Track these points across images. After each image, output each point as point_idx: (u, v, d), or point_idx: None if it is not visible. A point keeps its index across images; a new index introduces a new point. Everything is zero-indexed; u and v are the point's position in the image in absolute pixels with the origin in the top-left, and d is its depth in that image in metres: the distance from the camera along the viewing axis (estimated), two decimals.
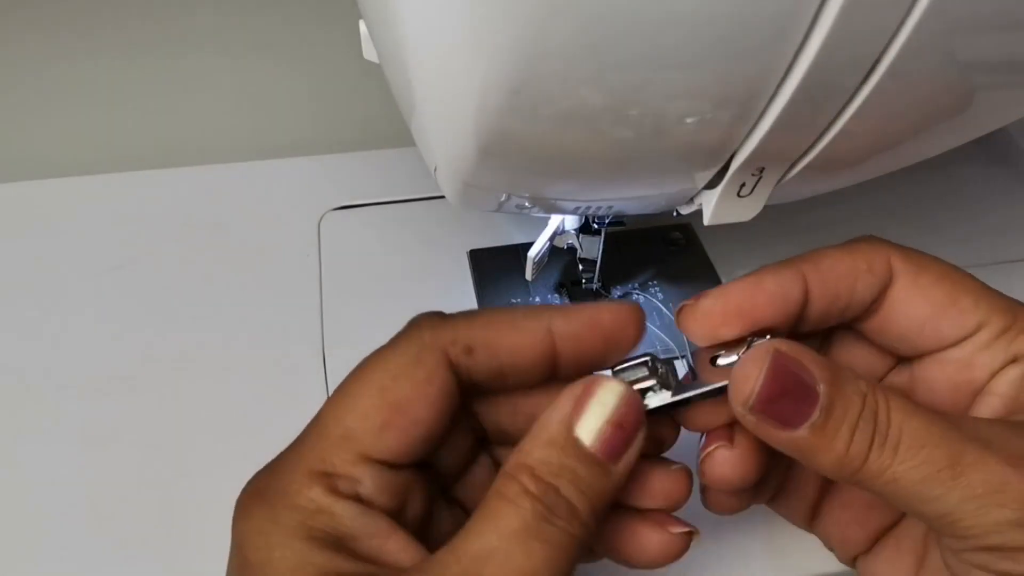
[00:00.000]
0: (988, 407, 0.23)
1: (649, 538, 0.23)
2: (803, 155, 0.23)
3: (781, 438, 0.21)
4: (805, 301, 0.23)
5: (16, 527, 0.30)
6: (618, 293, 0.37)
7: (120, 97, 0.46)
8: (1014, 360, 0.23)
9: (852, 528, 0.25)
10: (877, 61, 0.19)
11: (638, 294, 0.37)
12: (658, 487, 0.23)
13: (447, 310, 0.36)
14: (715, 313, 0.23)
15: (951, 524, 0.20)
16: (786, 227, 0.40)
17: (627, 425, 0.21)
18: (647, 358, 0.23)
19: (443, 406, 0.22)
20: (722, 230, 0.30)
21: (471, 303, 0.37)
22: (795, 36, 0.18)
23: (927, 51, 0.19)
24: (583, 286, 0.37)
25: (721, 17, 0.17)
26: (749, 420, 0.21)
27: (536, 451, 0.20)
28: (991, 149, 0.45)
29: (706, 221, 0.26)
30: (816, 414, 0.20)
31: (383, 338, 0.37)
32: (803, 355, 0.21)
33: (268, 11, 0.45)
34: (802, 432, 0.20)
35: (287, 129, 0.47)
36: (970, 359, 0.24)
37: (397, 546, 0.21)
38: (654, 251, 0.40)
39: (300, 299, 0.37)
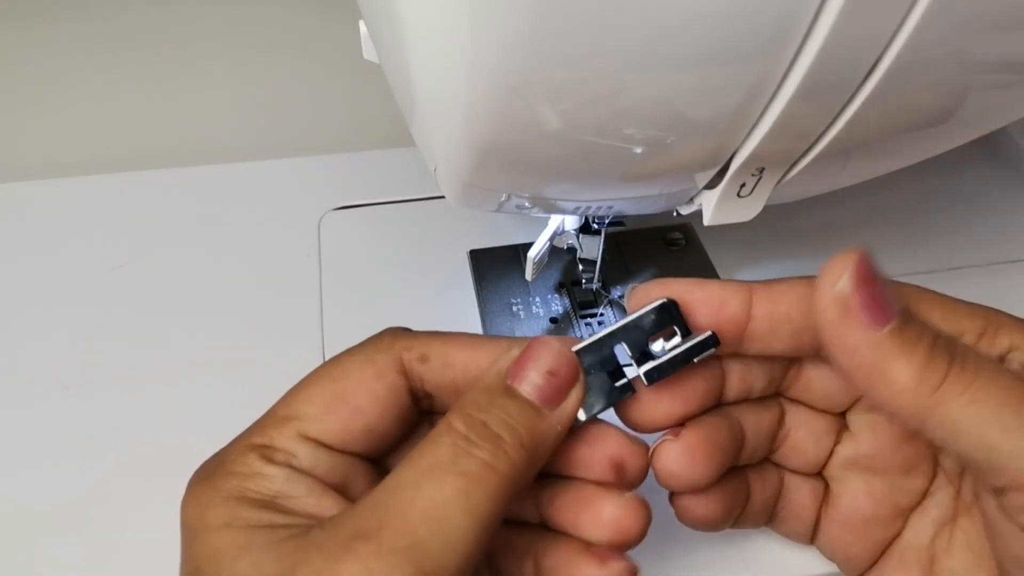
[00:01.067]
0: None
1: (583, 571, 0.22)
2: (803, 155, 0.23)
3: (861, 340, 0.20)
4: (746, 316, 0.22)
5: (16, 527, 0.30)
6: (618, 293, 0.37)
7: (120, 97, 0.46)
8: (1000, 359, 0.22)
9: (854, 545, 0.25)
10: (877, 62, 0.19)
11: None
12: (607, 515, 0.22)
13: (447, 310, 0.37)
14: (653, 295, 0.23)
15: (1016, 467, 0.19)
16: (786, 227, 0.40)
17: (560, 374, 0.21)
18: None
19: (388, 403, 0.23)
20: (722, 230, 0.30)
21: (471, 303, 0.37)
22: (795, 37, 0.18)
23: (927, 52, 0.19)
24: (583, 286, 0.37)
25: (721, 17, 0.17)
26: (831, 313, 0.20)
27: (470, 396, 0.21)
28: (991, 149, 0.45)
29: (706, 221, 0.26)
30: (897, 319, 0.20)
31: None
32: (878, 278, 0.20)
33: (268, 11, 0.45)
34: (883, 334, 0.20)
35: (287, 129, 0.47)
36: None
37: (330, 503, 0.22)
38: (654, 251, 0.40)
39: (300, 299, 0.37)
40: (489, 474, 0.20)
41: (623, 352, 0.22)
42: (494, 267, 0.39)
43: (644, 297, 0.23)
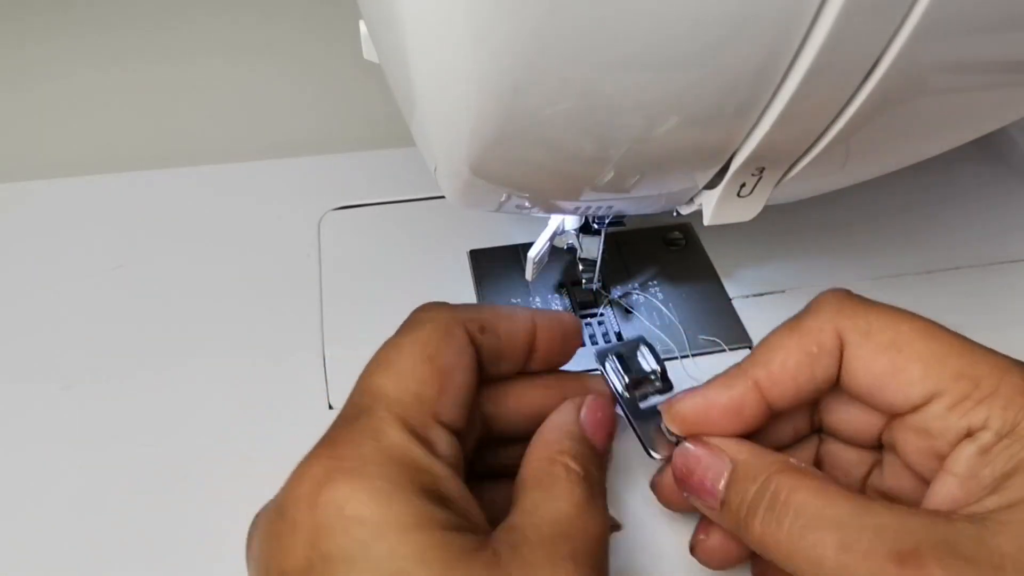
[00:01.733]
0: (944, 489, 0.22)
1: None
2: (803, 155, 0.23)
3: (699, 506, 0.25)
4: (766, 405, 0.25)
5: (15, 526, 0.30)
6: (618, 293, 0.37)
7: (120, 97, 0.46)
8: (968, 434, 0.22)
9: None
10: (877, 62, 0.19)
11: (638, 294, 0.37)
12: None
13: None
14: (684, 421, 0.26)
15: None
16: (786, 227, 0.40)
17: (607, 422, 0.27)
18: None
19: (474, 376, 0.25)
20: (722, 230, 0.30)
21: (471, 303, 0.37)
22: (795, 36, 0.18)
23: (926, 52, 0.19)
24: (583, 286, 0.37)
25: (721, 17, 0.17)
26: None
27: (566, 442, 0.25)
28: (991, 149, 0.45)
29: (706, 221, 0.26)
30: (720, 495, 0.24)
31: (383, 338, 0.37)
32: (703, 457, 0.25)
33: (268, 11, 0.45)
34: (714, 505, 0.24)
35: (287, 129, 0.47)
36: (927, 428, 0.23)
37: (474, 508, 0.22)
38: (654, 251, 0.40)
39: (300, 299, 0.37)
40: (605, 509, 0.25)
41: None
42: (494, 267, 0.39)
43: (675, 425, 0.26)
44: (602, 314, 0.37)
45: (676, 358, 0.35)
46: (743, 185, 0.24)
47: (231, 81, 0.47)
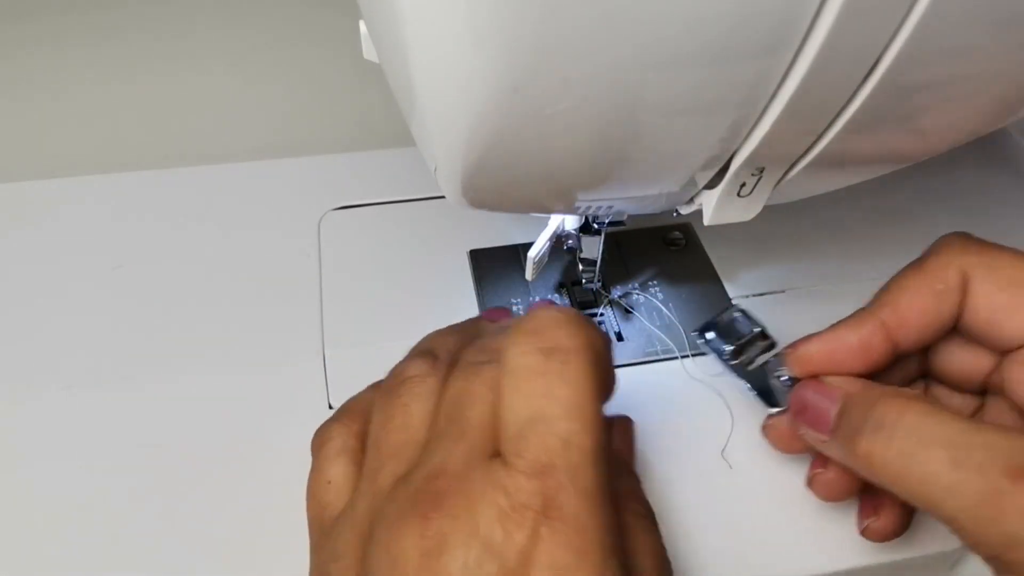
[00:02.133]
0: None
1: None
2: (803, 155, 0.23)
3: (811, 439, 0.27)
4: (892, 345, 0.27)
5: (16, 526, 0.30)
6: (618, 293, 0.37)
7: (120, 97, 0.46)
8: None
9: None
10: (876, 62, 0.19)
11: (638, 294, 0.37)
12: None
13: (447, 310, 0.36)
14: (810, 362, 0.28)
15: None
16: (786, 227, 0.40)
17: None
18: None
19: None
20: (722, 230, 0.30)
21: (471, 303, 0.37)
22: (795, 36, 0.18)
23: (926, 52, 0.19)
24: (583, 286, 0.37)
25: (722, 17, 0.17)
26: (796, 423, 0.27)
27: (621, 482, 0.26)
28: (991, 149, 0.45)
29: (706, 221, 0.26)
30: (831, 423, 0.26)
31: (383, 338, 0.37)
32: (818, 392, 0.26)
33: (268, 11, 0.45)
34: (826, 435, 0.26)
35: (287, 129, 0.47)
36: None
37: None
38: (654, 251, 0.40)
39: (300, 299, 0.37)
40: None
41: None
42: (494, 267, 0.39)
43: (801, 365, 0.28)
44: (602, 314, 0.37)
45: (676, 358, 0.35)
46: (743, 185, 0.24)
47: (231, 81, 0.47)
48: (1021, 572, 0.21)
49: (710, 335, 0.31)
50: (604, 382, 0.23)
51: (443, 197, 0.26)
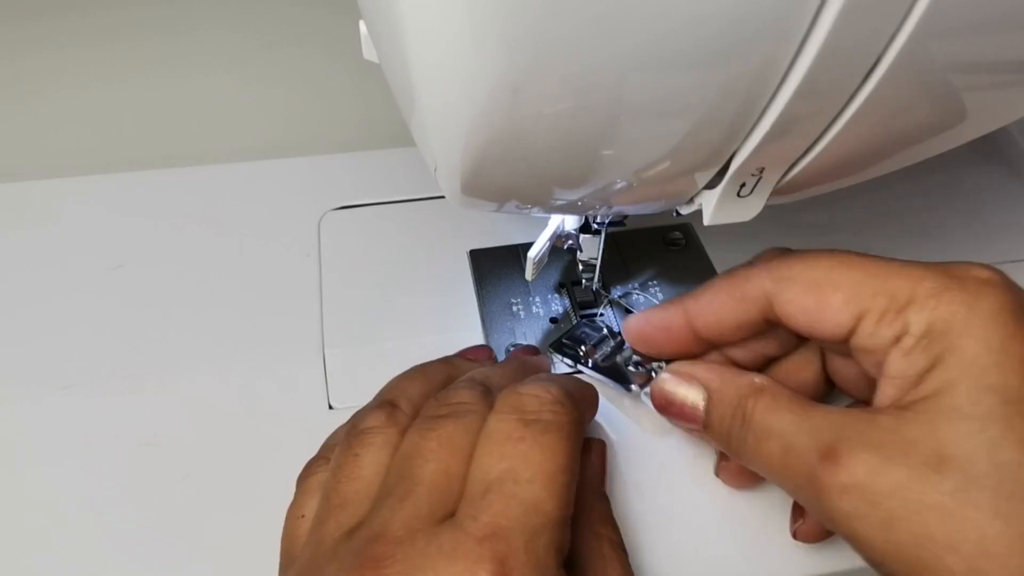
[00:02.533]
0: (883, 392, 0.24)
1: None
2: (803, 155, 0.23)
3: (684, 429, 0.29)
4: (693, 332, 0.29)
5: (16, 526, 0.30)
6: (618, 293, 0.37)
7: (120, 97, 0.46)
8: (896, 340, 0.24)
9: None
10: (876, 62, 0.19)
11: (638, 294, 0.37)
12: None
13: (447, 310, 0.37)
14: (628, 334, 0.32)
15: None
16: (786, 227, 0.40)
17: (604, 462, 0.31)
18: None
19: None
20: (722, 230, 0.30)
21: (471, 303, 0.37)
22: (795, 36, 0.18)
23: (926, 52, 0.19)
24: (583, 286, 0.37)
25: (722, 17, 0.17)
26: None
27: (597, 507, 0.28)
28: (991, 149, 0.45)
29: (706, 221, 0.26)
30: (701, 419, 0.28)
31: (383, 338, 0.37)
32: (678, 387, 0.28)
33: (268, 11, 0.45)
34: (697, 429, 0.28)
35: (287, 129, 0.47)
36: (865, 347, 0.25)
37: None
38: (654, 251, 0.40)
39: (300, 299, 0.37)
40: None
41: None
42: (494, 267, 0.39)
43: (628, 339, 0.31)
44: (602, 314, 0.37)
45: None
46: (743, 185, 0.24)
47: (231, 81, 0.47)
48: (856, 544, 0.23)
49: (566, 349, 0.34)
50: (578, 454, 0.25)
51: (443, 197, 0.26)
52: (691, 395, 0.28)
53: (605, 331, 0.34)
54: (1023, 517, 0.20)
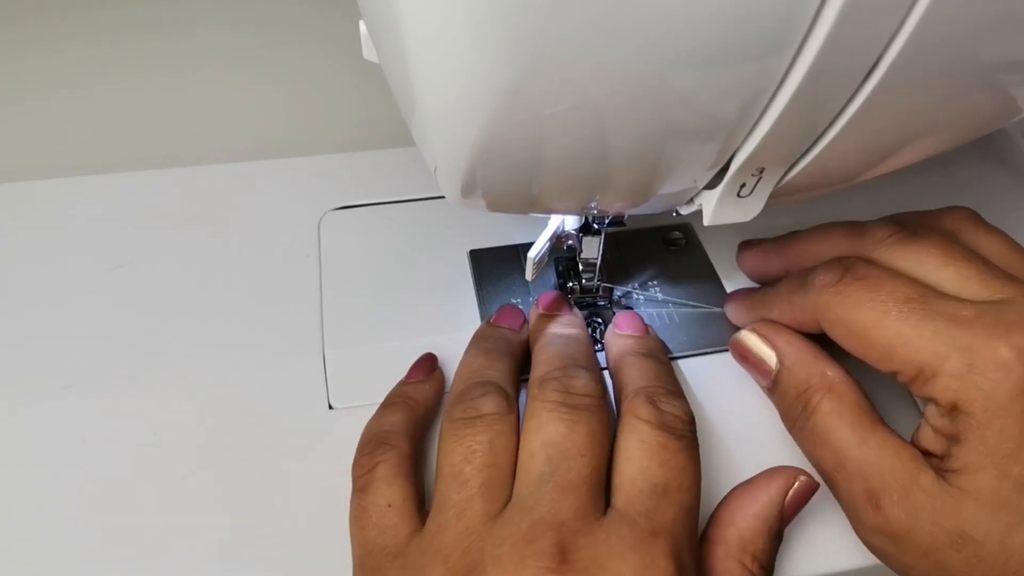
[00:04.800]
0: (924, 441, 0.26)
1: None
2: (803, 156, 0.23)
3: (754, 375, 0.31)
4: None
5: (16, 526, 0.30)
6: (618, 293, 0.37)
7: (120, 97, 0.46)
8: (926, 400, 0.26)
9: None
10: (876, 63, 0.19)
11: (638, 294, 0.37)
12: None
13: (447, 310, 0.37)
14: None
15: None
16: (786, 227, 0.40)
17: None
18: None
19: None
20: (722, 230, 0.30)
21: (471, 303, 0.37)
22: (795, 36, 0.18)
23: (926, 53, 0.19)
24: (583, 286, 0.37)
25: (721, 17, 0.17)
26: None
27: (760, 542, 0.27)
28: (991, 149, 0.45)
29: (706, 221, 0.26)
30: (770, 380, 0.30)
31: (383, 338, 0.37)
32: (771, 338, 0.30)
33: (268, 10, 0.45)
34: (765, 385, 0.30)
35: (287, 129, 0.47)
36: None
37: None
38: (654, 251, 0.40)
39: (300, 299, 0.37)
40: None
41: None
42: (494, 267, 0.39)
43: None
44: (602, 314, 0.37)
45: (674, 358, 0.35)
46: (743, 185, 0.24)
47: (231, 81, 0.47)
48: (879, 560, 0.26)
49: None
50: None
51: (443, 197, 0.26)
52: (767, 358, 0.30)
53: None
54: None
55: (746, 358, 0.31)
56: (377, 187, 0.43)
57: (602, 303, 0.37)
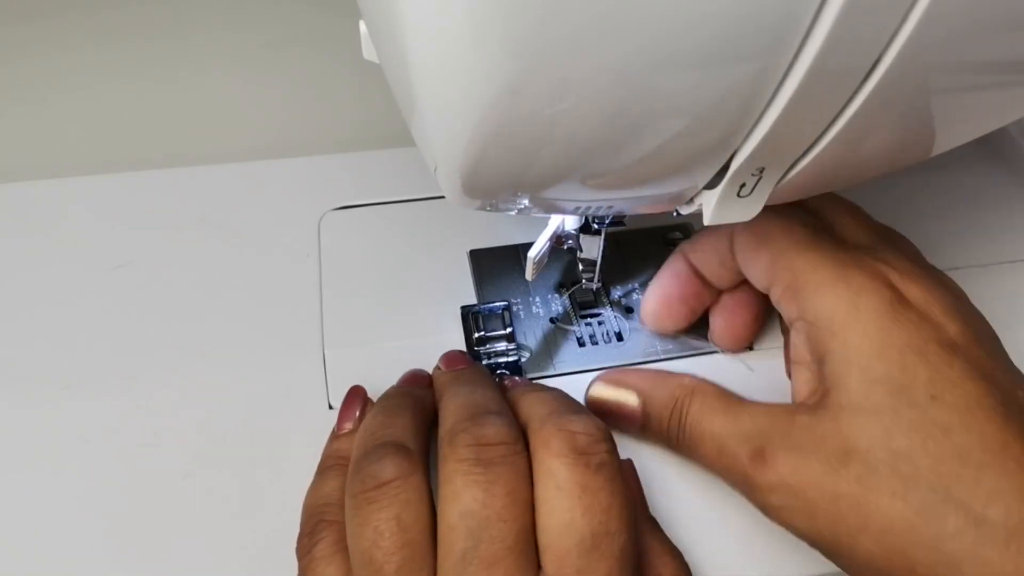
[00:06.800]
0: (797, 387, 0.27)
1: None
2: (803, 156, 0.23)
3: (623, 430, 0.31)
4: (698, 274, 0.33)
5: (16, 526, 0.30)
6: (618, 293, 0.37)
7: (120, 97, 0.46)
8: (793, 321, 0.27)
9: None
10: (877, 62, 0.19)
11: (638, 294, 0.37)
12: None
13: (447, 310, 0.36)
14: (648, 319, 0.35)
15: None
16: None
17: None
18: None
19: None
20: None
21: (471, 303, 0.37)
22: (796, 35, 0.18)
23: (926, 53, 0.19)
24: (583, 286, 0.37)
25: (721, 16, 0.17)
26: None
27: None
28: (991, 149, 0.45)
29: (706, 221, 0.26)
30: (639, 417, 0.30)
31: (383, 338, 0.37)
32: (622, 380, 0.31)
33: (268, 10, 0.45)
34: (636, 428, 0.30)
35: (287, 129, 0.47)
36: (778, 308, 0.29)
37: None
38: (654, 251, 0.39)
39: (300, 299, 0.37)
40: None
41: None
42: (494, 267, 0.39)
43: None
44: (602, 314, 0.37)
45: (674, 358, 0.35)
46: (743, 185, 0.24)
47: (231, 81, 0.47)
48: (790, 530, 0.26)
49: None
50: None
51: (443, 197, 0.26)
52: (626, 399, 0.30)
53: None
54: (917, 495, 0.23)
55: (607, 410, 0.30)
56: (377, 187, 0.43)
57: (599, 310, 0.37)
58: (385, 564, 0.23)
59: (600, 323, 0.36)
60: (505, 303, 0.36)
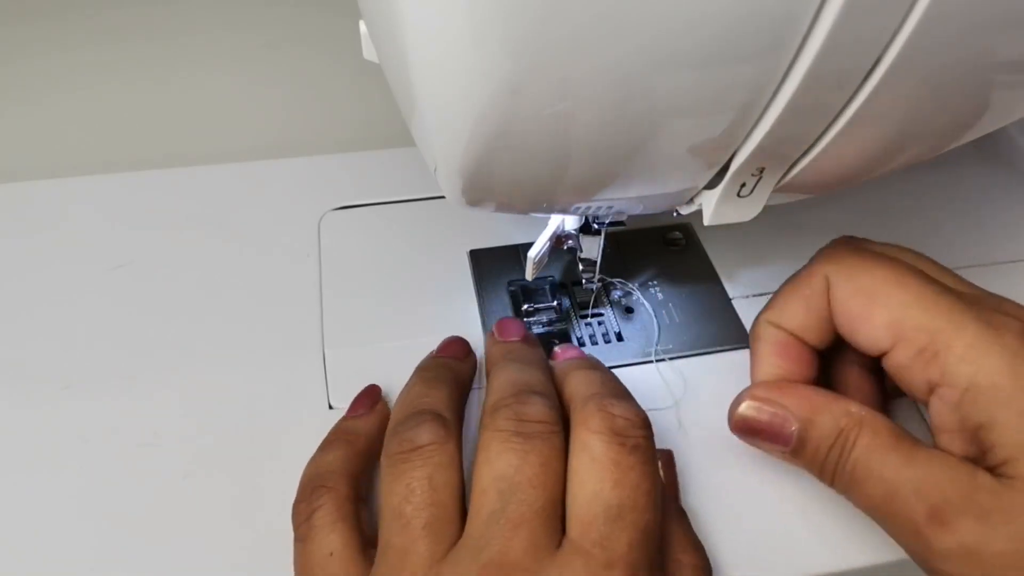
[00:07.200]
0: (952, 447, 0.25)
1: None
2: (803, 156, 0.23)
3: (767, 449, 0.28)
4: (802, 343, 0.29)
5: (16, 526, 0.30)
6: (618, 293, 0.37)
7: (120, 97, 0.46)
8: (931, 389, 0.25)
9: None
10: (877, 62, 0.19)
11: (638, 294, 0.37)
12: None
13: (447, 310, 0.37)
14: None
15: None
16: (786, 227, 0.40)
17: None
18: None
19: None
20: (722, 230, 0.30)
21: (471, 303, 0.37)
22: (796, 36, 0.18)
23: (926, 53, 0.19)
24: (583, 286, 0.37)
25: (721, 17, 0.17)
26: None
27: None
28: (991, 149, 0.45)
29: (706, 221, 0.26)
30: (792, 442, 0.27)
31: (383, 338, 0.37)
32: (776, 401, 0.27)
33: (269, 11, 0.45)
34: (785, 451, 0.27)
35: (287, 129, 0.47)
36: (901, 371, 0.26)
37: None
38: (654, 251, 0.40)
39: (300, 299, 0.37)
40: None
41: None
42: (494, 267, 0.39)
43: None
44: (602, 314, 0.37)
45: (675, 358, 0.35)
46: (743, 185, 0.24)
47: (231, 81, 0.47)
48: None
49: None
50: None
51: (443, 197, 0.26)
52: (781, 419, 0.27)
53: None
54: None
55: (757, 431, 0.28)
56: (377, 187, 0.43)
57: (600, 310, 0.37)
58: (413, 519, 0.24)
59: (600, 323, 0.36)
60: (552, 277, 0.37)
